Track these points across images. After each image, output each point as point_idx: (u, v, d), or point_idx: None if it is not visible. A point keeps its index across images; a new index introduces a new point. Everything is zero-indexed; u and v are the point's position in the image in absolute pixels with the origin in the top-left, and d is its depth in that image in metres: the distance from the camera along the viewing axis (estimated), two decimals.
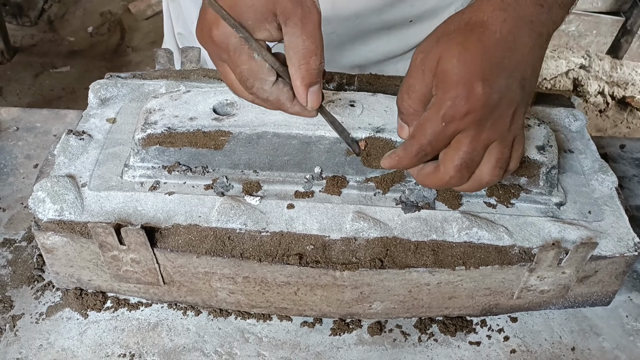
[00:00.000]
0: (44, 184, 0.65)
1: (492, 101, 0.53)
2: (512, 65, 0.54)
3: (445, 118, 0.54)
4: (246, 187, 0.68)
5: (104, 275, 0.68)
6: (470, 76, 0.53)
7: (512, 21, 0.54)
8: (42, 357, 0.65)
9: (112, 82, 0.81)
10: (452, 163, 0.56)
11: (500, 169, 0.57)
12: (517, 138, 0.58)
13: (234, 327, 0.69)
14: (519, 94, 0.55)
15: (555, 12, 0.56)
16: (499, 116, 0.55)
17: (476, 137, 0.55)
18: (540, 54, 0.56)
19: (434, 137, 0.55)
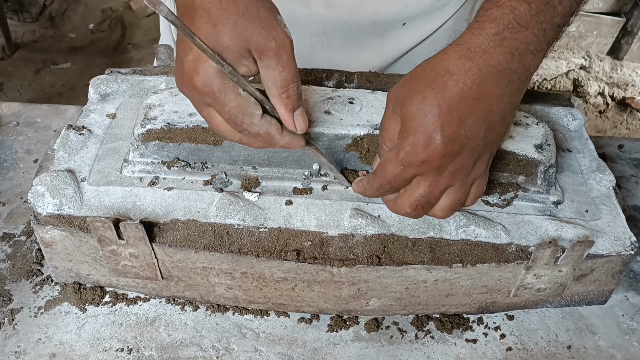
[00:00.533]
0: (44, 178, 0.66)
1: (451, 152, 0.54)
2: (476, 115, 0.53)
3: (403, 162, 0.55)
4: (245, 183, 0.68)
5: (103, 269, 0.68)
6: (429, 125, 0.53)
7: (477, 71, 0.52)
8: (41, 351, 0.65)
9: (113, 77, 0.82)
10: (409, 201, 0.58)
11: (456, 207, 0.59)
12: (477, 181, 0.59)
13: (232, 323, 0.69)
14: (482, 143, 0.55)
15: (528, 59, 0.54)
16: (459, 165, 0.55)
17: (434, 182, 0.56)
18: (511, 101, 0.55)
19: (393, 178, 0.57)
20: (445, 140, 0.53)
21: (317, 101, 0.71)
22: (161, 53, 0.87)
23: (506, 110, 0.55)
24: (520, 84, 0.55)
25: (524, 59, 0.53)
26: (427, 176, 0.56)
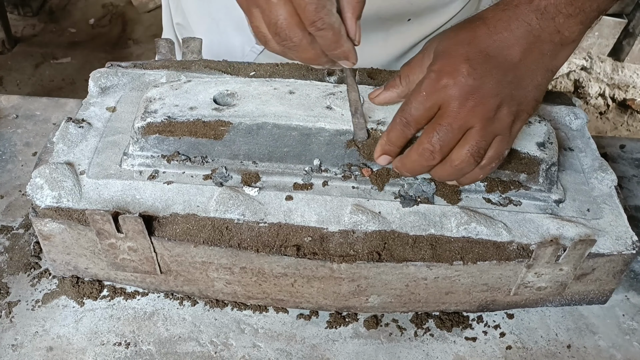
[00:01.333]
0: (43, 171, 0.65)
1: (472, 81, 0.56)
2: (502, 60, 0.57)
3: (425, 88, 0.58)
4: (245, 178, 0.68)
5: (101, 263, 0.68)
6: (456, 55, 0.57)
7: (507, 19, 0.57)
8: (37, 344, 0.64)
9: (113, 71, 0.81)
10: (428, 136, 0.58)
11: (472, 158, 0.59)
12: (499, 137, 0.59)
13: (230, 318, 0.69)
14: (506, 89, 0.57)
15: (559, 21, 0.56)
16: (480, 101, 0.56)
17: (454, 114, 0.57)
18: (541, 59, 0.57)
19: (415, 107, 0.59)
20: (470, 70, 0.56)
21: (319, 96, 0.70)
22: (162, 47, 0.87)
23: (535, 67, 0.58)
24: (551, 45, 0.57)
25: (555, 19, 0.56)
26: (448, 108, 0.57)
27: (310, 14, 0.53)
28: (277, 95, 0.70)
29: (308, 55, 0.57)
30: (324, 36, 0.55)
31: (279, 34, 0.55)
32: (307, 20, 0.54)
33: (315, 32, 0.55)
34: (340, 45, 0.56)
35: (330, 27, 0.54)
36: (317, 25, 0.54)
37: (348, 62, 0.59)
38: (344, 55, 0.58)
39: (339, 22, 0.55)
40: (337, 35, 0.55)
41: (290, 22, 0.54)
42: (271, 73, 0.80)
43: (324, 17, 0.53)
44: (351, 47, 0.58)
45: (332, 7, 0.54)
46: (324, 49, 0.57)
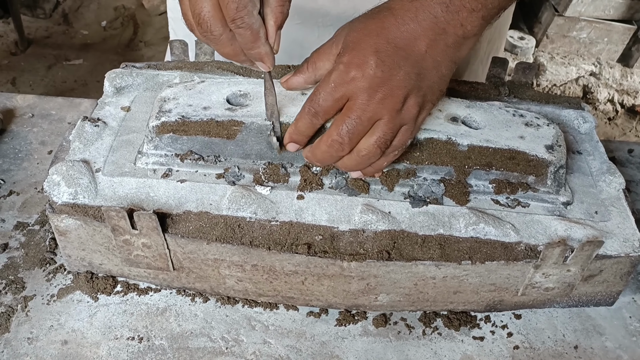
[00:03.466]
0: (60, 168, 0.67)
1: (381, 73, 0.57)
2: (409, 50, 0.58)
3: (334, 79, 0.59)
4: (257, 177, 0.69)
5: (115, 259, 0.69)
6: (365, 46, 0.58)
7: (414, 11, 0.58)
8: (53, 338, 0.66)
9: (128, 71, 0.82)
10: (337, 128, 0.60)
11: (379, 148, 0.61)
12: (405, 127, 0.61)
13: (241, 315, 0.70)
14: (413, 81, 0.59)
15: (463, 15, 0.58)
16: (389, 93, 0.58)
17: (363, 106, 0.59)
18: (445, 51, 0.59)
19: (324, 98, 0.60)
20: (378, 62, 0.57)
21: None
22: (175, 48, 0.88)
23: (440, 59, 0.60)
24: (455, 37, 0.59)
25: (459, 14, 0.58)
26: (357, 99, 0.58)
27: (231, 11, 0.55)
28: (289, 96, 0.71)
29: (227, 50, 0.60)
30: (243, 35, 0.58)
31: (201, 25, 0.57)
32: (228, 17, 0.56)
33: (235, 30, 0.57)
34: (257, 46, 0.59)
35: (249, 27, 0.57)
36: (237, 24, 0.56)
37: (264, 65, 0.61)
38: (260, 57, 0.60)
39: (258, 24, 0.58)
40: (255, 36, 0.58)
41: (213, 16, 0.56)
42: (283, 74, 0.81)
43: (244, 17, 0.56)
44: (268, 51, 0.60)
45: (253, 9, 0.56)
46: (242, 47, 0.59)
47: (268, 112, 0.66)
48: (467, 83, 0.86)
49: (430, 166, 0.69)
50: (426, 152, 0.68)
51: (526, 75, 0.89)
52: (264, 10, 0.58)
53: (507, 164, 0.69)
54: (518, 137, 0.70)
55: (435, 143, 0.68)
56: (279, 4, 0.58)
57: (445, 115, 0.71)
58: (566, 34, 2.82)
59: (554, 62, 2.83)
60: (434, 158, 0.68)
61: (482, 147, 0.68)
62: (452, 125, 0.69)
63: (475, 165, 0.69)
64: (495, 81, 0.87)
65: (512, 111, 0.74)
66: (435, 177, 0.69)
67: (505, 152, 0.68)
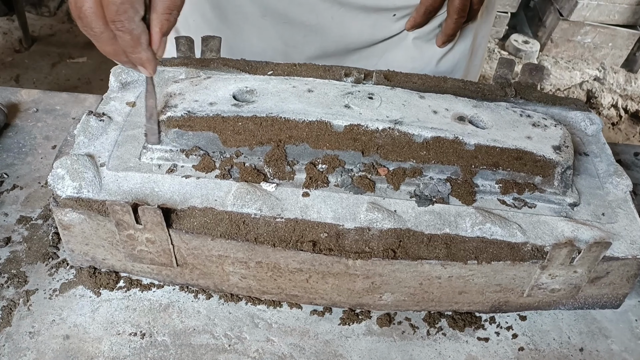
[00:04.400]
0: (64, 162, 0.66)
1: None
2: None
3: None
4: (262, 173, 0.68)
5: (118, 254, 0.69)
6: None
7: None
8: (54, 332, 0.65)
9: None
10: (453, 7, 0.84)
11: None
12: None
13: (244, 312, 0.69)
14: None
15: None
16: None
17: None
18: None
19: None
20: None
21: (337, 95, 0.71)
22: (182, 44, 0.88)
23: None
24: None
25: None
26: None
27: (111, 13, 0.55)
28: (295, 93, 0.71)
29: (107, 49, 0.59)
30: (122, 38, 0.58)
31: (82, 19, 0.57)
32: (108, 18, 0.56)
33: (115, 32, 0.57)
34: (137, 51, 0.59)
35: (128, 32, 0.57)
36: (117, 26, 0.56)
37: (145, 70, 0.61)
38: (140, 62, 0.60)
39: (140, 29, 0.57)
40: (135, 42, 0.58)
41: (94, 12, 0.56)
42: (289, 72, 0.81)
43: (124, 21, 0.56)
44: (150, 57, 0.59)
45: (134, 15, 0.56)
46: (123, 49, 0.59)
47: (147, 114, 0.67)
48: (474, 84, 0.86)
49: (436, 165, 0.68)
50: (433, 151, 0.68)
51: (533, 76, 0.88)
52: (150, 15, 0.58)
53: (514, 164, 0.68)
54: (525, 138, 0.69)
55: (442, 142, 0.67)
56: (166, 12, 0.57)
57: (452, 114, 0.71)
58: (570, 39, 2.82)
59: (558, 66, 2.82)
60: (441, 157, 0.68)
61: (489, 146, 0.67)
62: (459, 124, 0.69)
63: (482, 165, 0.68)
64: (502, 82, 0.87)
65: (519, 111, 0.74)
66: (442, 177, 0.69)
67: (512, 152, 0.68)
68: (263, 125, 0.67)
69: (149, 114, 0.67)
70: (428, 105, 0.72)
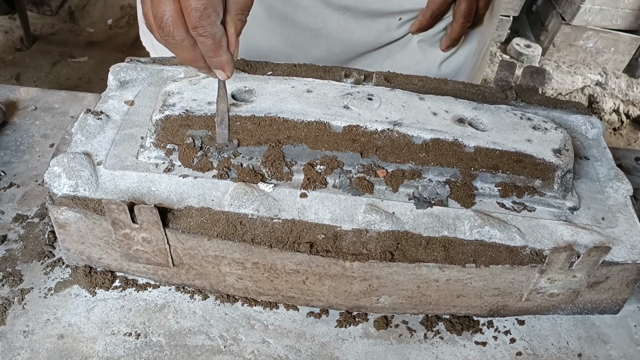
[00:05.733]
0: (61, 160, 0.66)
1: None
2: None
3: None
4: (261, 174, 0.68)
5: (114, 254, 0.68)
6: None
7: None
8: (49, 331, 0.65)
9: (132, 65, 0.82)
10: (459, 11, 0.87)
11: None
12: None
13: (240, 313, 0.69)
14: None
15: None
16: None
17: None
18: None
19: None
20: None
21: (336, 96, 0.71)
22: None
23: None
24: None
25: None
26: None
27: (194, 19, 0.55)
28: (294, 93, 0.70)
29: (187, 55, 0.59)
30: (204, 43, 0.57)
31: (162, 28, 0.56)
32: (189, 24, 0.55)
33: (197, 37, 0.56)
34: (218, 54, 0.58)
35: (211, 36, 0.56)
36: (199, 32, 0.56)
37: (223, 74, 0.61)
38: (221, 65, 0.59)
39: (221, 33, 0.57)
40: (217, 45, 0.57)
41: (175, 20, 0.55)
42: (288, 73, 0.81)
43: (206, 26, 0.55)
44: (229, 59, 0.59)
45: (217, 18, 0.56)
46: (204, 53, 0.58)
47: (218, 119, 0.66)
48: (474, 86, 0.85)
49: (435, 167, 0.68)
50: (432, 153, 0.67)
51: (534, 79, 0.88)
52: (225, 18, 0.57)
53: (514, 167, 0.68)
54: (525, 140, 0.69)
55: (441, 144, 0.67)
56: (239, 13, 0.57)
57: (452, 116, 0.70)
58: (573, 43, 2.81)
59: (560, 70, 2.82)
60: (440, 159, 0.67)
61: (488, 149, 0.67)
62: (458, 126, 0.69)
63: (481, 168, 0.68)
64: (503, 85, 0.87)
65: (519, 114, 0.73)
66: (441, 179, 0.69)
67: (512, 155, 0.67)
68: (261, 125, 0.67)
69: (219, 118, 0.66)
70: (428, 107, 0.71)
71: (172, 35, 0.56)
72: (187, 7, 0.54)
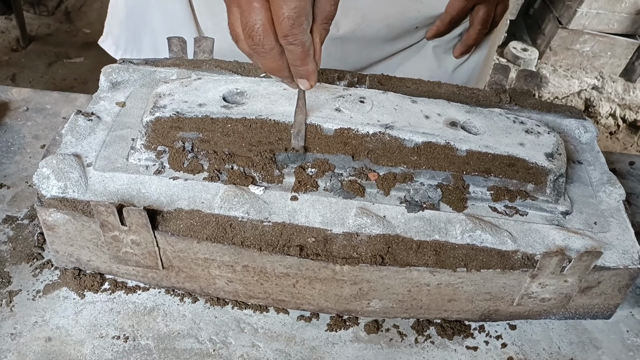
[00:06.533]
0: (50, 161, 0.65)
1: None
2: None
3: None
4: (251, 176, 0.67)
5: (103, 256, 0.67)
6: None
7: None
8: (36, 334, 0.64)
9: (124, 66, 0.81)
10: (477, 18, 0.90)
11: None
12: None
13: (230, 317, 0.68)
14: None
15: None
16: None
17: None
18: None
19: None
20: None
21: (328, 98, 0.70)
22: (174, 45, 0.87)
23: None
24: None
25: None
26: None
27: (286, 27, 0.54)
28: (286, 95, 0.70)
29: (273, 65, 0.58)
30: (293, 51, 0.56)
31: (252, 37, 0.55)
32: (280, 33, 0.55)
33: (286, 46, 0.56)
34: (305, 63, 0.58)
35: (301, 44, 0.56)
36: (289, 40, 0.55)
37: (306, 83, 0.60)
38: (306, 74, 0.59)
39: (310, 41, 0.56)
40: (305, 53, 0.57)
41: (266, 29, 0.55)
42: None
43: (297, 35, 0.55)
44: (315, 68, 0.59)
45: (307, 27, 0.55)
46: (290, 62, 0.58)
47: (295, 130, 0.65)
48: (468, 89, 0.85)
49: (427, 171, 0.68)
50: (424, 157, 0.67)
51: (528, 83, 0.88)
52: (311, 27, 0.57)
53: (506, 170, 0.68)
54: (518, 144, 0.68)
55: (433, 147, 0.66)
56: (324, 22, 0.57)
57: (444, 119, 0.70)
58: (569, 47, 2.82)
59: (556, 74, 2.82)
60: (432, 163, 0.67)
61: (481, 152, 0.67)
62: (451, 129, 0.68)
63: (473, 171, 0.68)
64: (497, 88, 0.86)
65: (512, 118, 0.73)
66: (433, 182, 0.68)
67: (505, 159, 0.67)
68: (252, 128, 0.66)
69: (296, 129, 0.65)
70: (420, 110, 0.71)
71: (262, 44, 0.56)
72: (279, 15, 0.53)
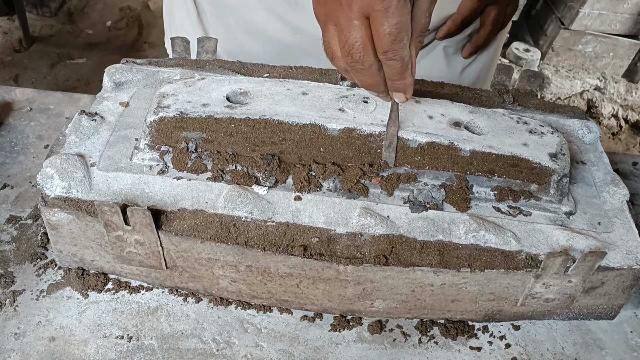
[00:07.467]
0: (54, 161, 0.65)
1: None
2: None
3: None
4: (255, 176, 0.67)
5: (107, 256, 0.68)
6: None
7: None
8: (40, 334, 0.64)
9: (128, 67, 0.82)
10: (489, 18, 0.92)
11: None
12: None
13: (234, 317, 0.68)
14: None
15: None
16: None
17: None
18: None
19: None
20: None
21: (332, 99, 0.70)
22: (177, 45, 0.87)
23: None
24: None
25: None
26: None
27: (386, 43, 0.54)
28: (289, 95, 0.70)
29: (371, 80, 0.58)
30: (393, 66, 0.57)
31: (351, 55, 0.56)
32: (380, 48, 0.55)
33: (385, 61, 0.56)
34: (404, 77, 0.58)
35: (401, 59, 0.56)
36: (389, 56, 0.55)
37: (402, 97, 0.60)
38: (404, 87, 0.59)
39: (408, 55, 0.57)
40: (404, 68, 0.57)
41: (366, 46, 0.55)
42: (284, 75, 0.81)
43: (397, 50, 0.55)
44: (411, 82, 0.59)
45: (407, 41, 0.55)
46: (388, 77, 0.58)
47: (387, 142, 0.66)
48: (471, 90, 0.85)
49: (431, 171, 0.68)
50: (427, 157, 0.67)
51: (531, 83, 0.88)
52: None
53: (510, 171, 0.67)
54: (521, 144, 0.68)
55: (437, 148, 0.66)
56: (420, 35, 0.57)
57: (447, 120, 0.70)
58: (572, 48, 2.81)
59: (558, 75, 2.82)
60: (435, 163, 0.67)
61: (484, 153, 0.67)
62: (454, 130, 0.68)
63: (477, 172, 0.67)
64: (500, 89, 0.86)
65: (516, 118, 0.73)
66: (436, 183, 0.68)
67: (508, 159, 0.67)
68: (256, 128, 0.66)
69: (388, 141, 0.65)
70: (424, 110, 0.71)
71: (362, 60, 0.56)
72: (380, 32, 0.54)
